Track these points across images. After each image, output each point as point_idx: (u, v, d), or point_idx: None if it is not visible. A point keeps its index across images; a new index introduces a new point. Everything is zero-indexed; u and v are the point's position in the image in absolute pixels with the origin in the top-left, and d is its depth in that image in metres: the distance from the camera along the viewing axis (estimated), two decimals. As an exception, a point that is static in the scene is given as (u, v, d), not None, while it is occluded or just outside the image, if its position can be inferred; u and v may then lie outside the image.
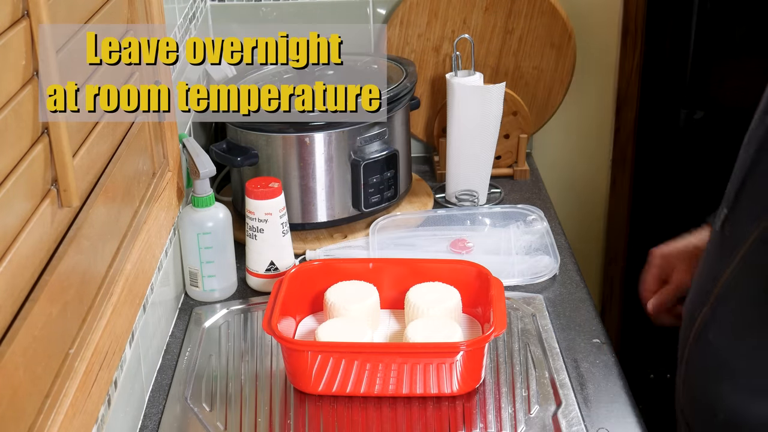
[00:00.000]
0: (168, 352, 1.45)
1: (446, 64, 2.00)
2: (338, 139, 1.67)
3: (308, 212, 1.72)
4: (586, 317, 1.51)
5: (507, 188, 1.95)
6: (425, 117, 2.04)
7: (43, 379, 0.92)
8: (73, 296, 1.01)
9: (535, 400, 1.31)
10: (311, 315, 1.49)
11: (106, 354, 1.08)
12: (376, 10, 2.00)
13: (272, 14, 2.00)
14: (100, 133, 1.13)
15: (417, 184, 1.92)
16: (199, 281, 1.56)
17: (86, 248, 1.05)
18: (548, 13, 1.97)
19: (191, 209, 1.53)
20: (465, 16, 1.97)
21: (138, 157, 1.31)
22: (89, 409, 1.01)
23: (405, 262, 1.52)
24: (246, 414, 1.31)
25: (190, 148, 1.52)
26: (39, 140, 0.94)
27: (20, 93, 0.90)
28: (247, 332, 1.49)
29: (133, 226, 1.26)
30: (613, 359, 1.41)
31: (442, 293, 1.42)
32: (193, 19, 1.80)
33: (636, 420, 1.28)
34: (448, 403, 1.31)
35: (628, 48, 2.07)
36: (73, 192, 0.99)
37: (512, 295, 1.54)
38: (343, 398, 1.32)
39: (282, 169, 1.68)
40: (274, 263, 1.58)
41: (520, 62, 2.01)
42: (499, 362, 1.39)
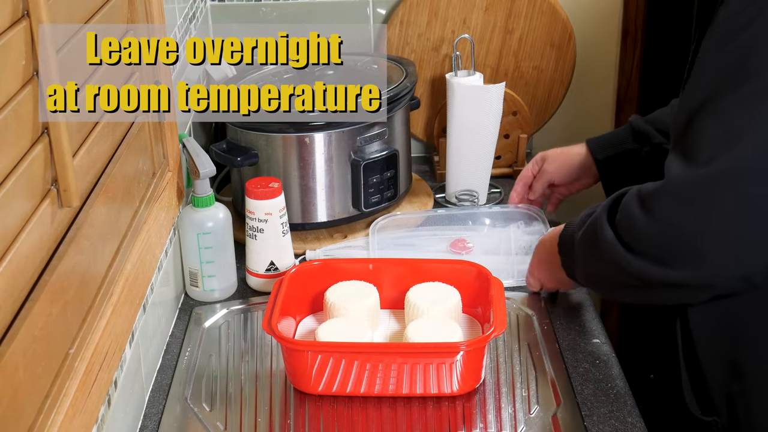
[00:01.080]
0: (168, 352, 1.45)
1: (446, 64, 2.00)
2: (338, 139, 1.67)
3: (308, 212, 1.72)
4: (586, 317, 1.51)
5: (507, 188, 1.94)
6: (425, 117, 2.04)
7: (43, 379, 0.92)
8: (73, 296, 1.01)
9: (535, 400, 1.31)
10: (311, 315, 1.49)
11: (106, 354, 1.08)
12: (376, 10, 2.00)
13: (272, 14, 2.00)
14: (100, 133, 1.13)
15: (417, 184, 1.92)
16: (199, 281, 1.56)
17: (86, 248, 1.05)
18: (548, 13, 1.97)
19: (191, 209, 1.53)
20: (465, 16, 1.97)
21: (138, 157, 1.31)
22: (89, 409, 1.01)
23: (405, 262, 1.52)
24: (246, 414, 1.31)
25: (190, 148, 1.52)
26: (39, 140, 0.94)
27: (20, 93, 0.90)
28: (247, 332, 1.49)
29: (133, 226, 1.26)
30: (613, 359, 1.41)
31: (442, 293, 1.42)
32: (193, 19, 1.80)
33: (636, 420, 1.28)
34: (448, 403, 1.31)
35: (628, 48, 2.07)
36: (73, 192, 0.99)
37: (512, 295, 1.54)
38: (343, 398, 1.32)
39: (282, 169, 1.68)
40: (274, 263, 1.58)
41: (520, 62, 2.01)
42: (499, 362, 1.39)
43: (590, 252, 1.27)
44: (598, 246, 1.22)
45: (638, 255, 1.17)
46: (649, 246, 1.15)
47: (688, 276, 1.14)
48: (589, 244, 1.26)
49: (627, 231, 1.18)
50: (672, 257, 1.14)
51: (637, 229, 1.16)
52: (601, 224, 1.22)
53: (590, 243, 1.25)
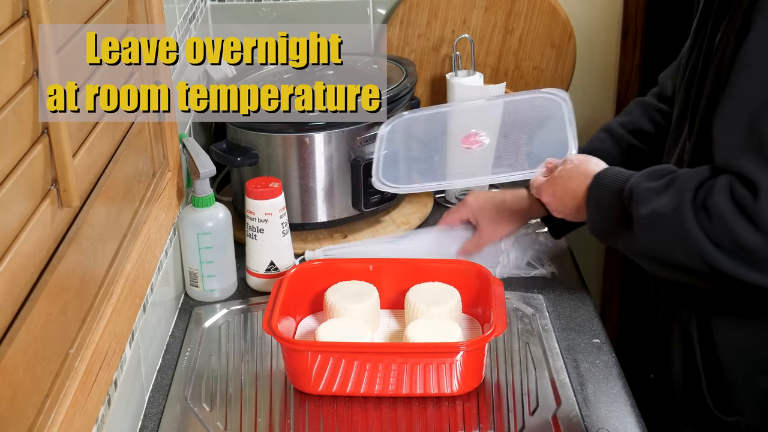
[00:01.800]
0: (168, 352, 1.45)
1: (446, 64, 2.00)
2: (338, 139, 1.67)
3: (308, 212, 1.72)
4: (586, 317, 1.51)
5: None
6: (425, 117, 2.04)
7: (43, 379, 0.92)
8: (73, 296, 1.01)
9: (535, 400, 1.31)
10: (311, 315, 1.49)
11: (106, 354, 1.08)
12: (376, 10, 2.00)
13: (272, 14, 2.00)
14: (100, 133, 1.13)
15: (417, 184, 1.92)
16: (199, 281, 1.56)
17: (86, 248, 1.05)
18: (548, 13, 1.97)
19: (191, 209, 1.53)
20: (465, 16, 1.97)
21: (138, 157, 1.31)
22: (89, 409, 1.01)
23: (405, 262, 1.51)
24: (246, 414, 1.31)
25: (190, 148, 1.52)
26: (39, 140, 0.94)
27: (20, 93, 0.90)
28: (247, 332, 1.49)
29: (133, 226, 1.26)
30: (613, 359, 1.41)
31: (442, 293, 1.42)
32: (193, 19, 1.80)
33: (636, 420, 1.28)
34: (448, 403, 1.31)
35: (628, 48, 2.07)
36: (73, 192, 0.99)
37: (512, 295, 1.54)
38: (343, 398, 1.32)
39: (282, 169, 1.68)
40: (274, 263, 1.58)
41: (520, 62, 2.01)
42: (499, 362, 1.39)
43: (662, 236, 1.21)
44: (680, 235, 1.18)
45: (733, 257, 1.15)
46: (749, 254, 1.14)
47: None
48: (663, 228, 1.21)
49: (722, 234, 1.15)
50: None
51: (739, 238, 1.13)
52: (687, 216, 1.17)
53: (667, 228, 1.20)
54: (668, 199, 1.20)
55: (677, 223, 1.18)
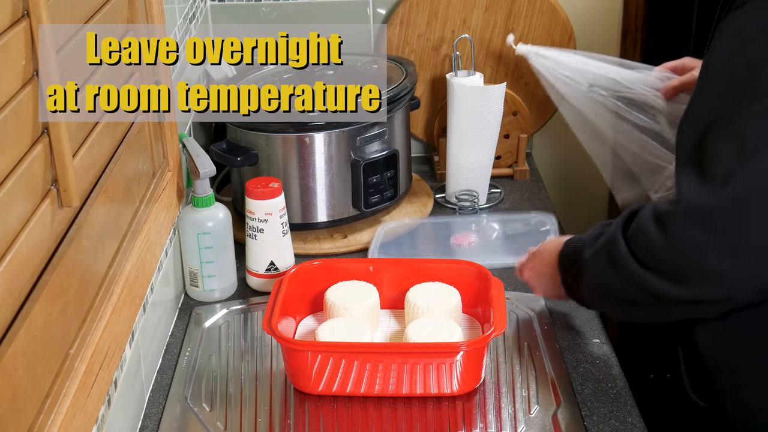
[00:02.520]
0: (168, 352, 1.45)
1: (446, 64, 2.00)
2: (338, 139, 1.67)
3: (308, 212, 1.72)
4: (586, 317, 1.51)
5: (507, 188, 1.95)
6: (425, 117, 2.04)
7: (43, 379, 0.92)
8: (73, 296, 1.01)
9: (535, 400, 1.31)
10: (311, 315, 1.49)
11: (106, 354, 1.08)
12: (376, 10, 2.00)
13: (272, 14, 2.00)
14: (100, 133, 1.13)
15: (417, 184, 1.92)
16: (199, 281, 1.56)
17: (86, 248, 1.05)
18: (548, 13, 1.97)
19: (191, 209, 1.53)
20: (465, 16, 1.97)
21: (138, 157, 1.31)
22: (89, 409, 1.01)
23: (405, 262, 1.52)
24: (246, 414, 1.31)
25: (190, 148, 1.52)
26: (39, 140, 0.94)
27: (20, 93, 0.90)
28: (247, 332, 1.49)
29: (133, 226, 1.26)
30: (613, 359, 1.41)
31: (442, 293, 1.42)
32: (193, 19, 1.80)
33: (636, 420, 1.28)
34: (448, 403, 1.31)
35: (628, 48, 2.07)
36: (73, 192, 0.99)
37: (512, 295, 1.54)
38: (343, 398, 1.32)
39: (282, 169, 1.68)
40: (274, 263, 1.58)
41: (520, 62, 2.01)
42: (499, 362, 1.39)
43: (603, 269, 1.24)
44: (613, 263, 1.20)
45: (655, 272, 1.15)
46: (667, 265, 1.14)
47: (706, 293, 1.13)
48: (602, 262, 1.24)
49: (643, 249, 1.16)
50: (691, 276, 1.13)
51: (653, 248, 1.14)
52: (617, 242, 1.19)
53: (604, 261, 1.23)
54: (606, 236, 1.23)
55: (611, 252, 1.20)
